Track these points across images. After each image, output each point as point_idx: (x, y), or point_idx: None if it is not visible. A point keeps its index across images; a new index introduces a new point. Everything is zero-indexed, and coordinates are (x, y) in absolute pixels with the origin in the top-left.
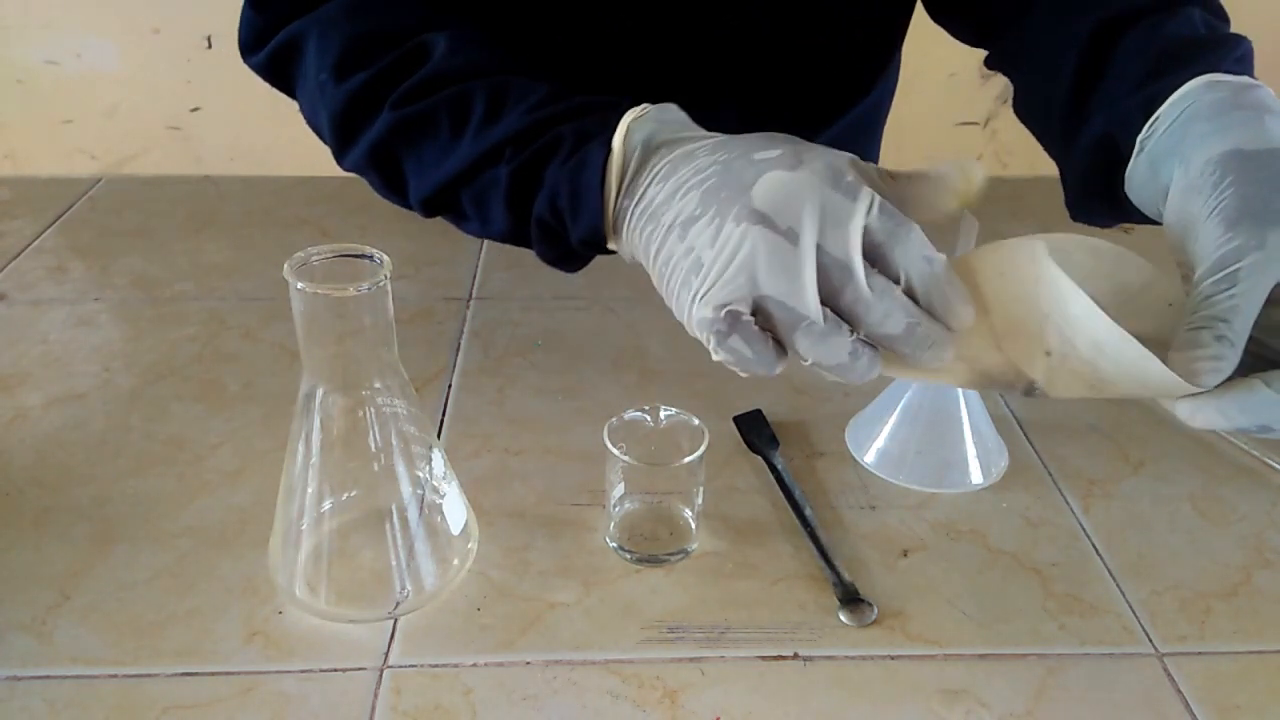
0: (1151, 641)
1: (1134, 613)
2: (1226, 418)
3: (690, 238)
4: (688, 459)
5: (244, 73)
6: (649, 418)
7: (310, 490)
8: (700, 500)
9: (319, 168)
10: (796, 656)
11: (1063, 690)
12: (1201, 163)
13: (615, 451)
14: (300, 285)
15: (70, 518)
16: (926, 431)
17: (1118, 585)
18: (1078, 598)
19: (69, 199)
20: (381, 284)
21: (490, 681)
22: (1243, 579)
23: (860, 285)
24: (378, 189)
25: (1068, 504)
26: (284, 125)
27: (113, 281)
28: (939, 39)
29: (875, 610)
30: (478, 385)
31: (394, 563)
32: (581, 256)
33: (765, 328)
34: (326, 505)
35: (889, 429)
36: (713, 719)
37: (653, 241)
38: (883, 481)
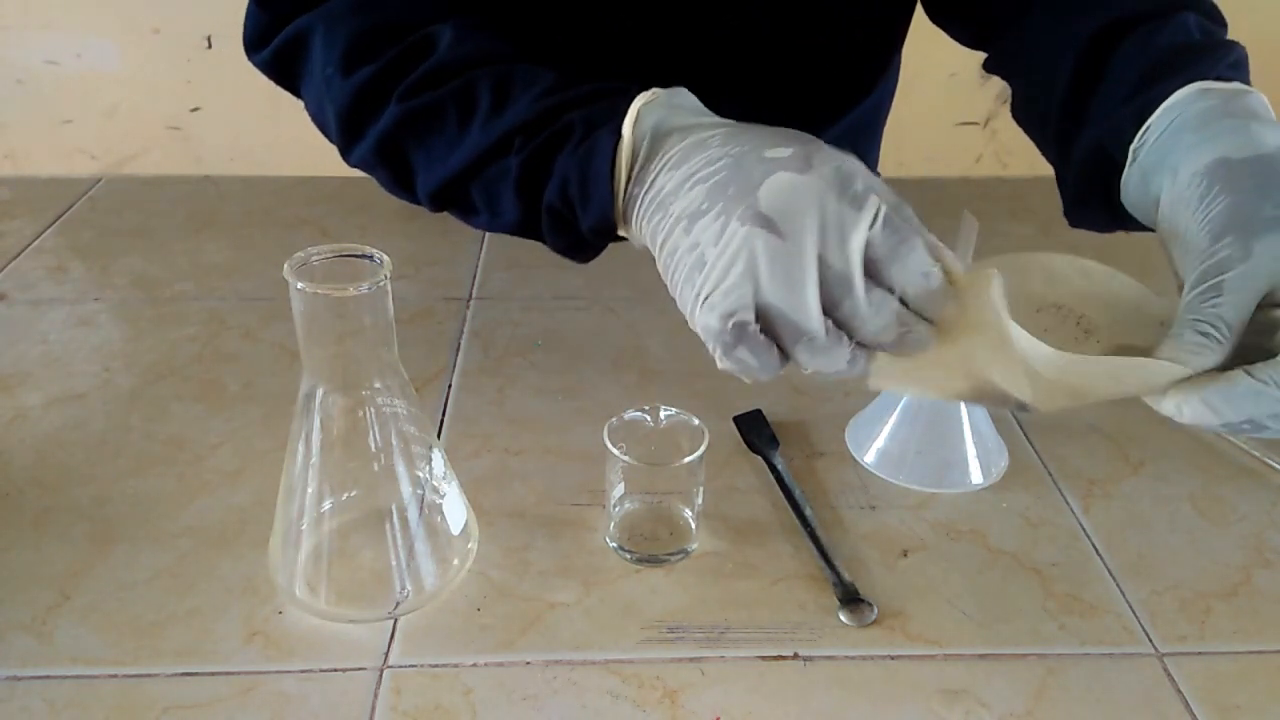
0: (1151, 641)
1: (1134, 613)
2: (1212, 410)
3: (696, 232)
4: (688, 459)
5: (244, 73)
6: (649, 418)
7: (310, 490)
8: (700, 500)
9: (319, 168)
10: (796, 656)
11: (1063, 690)
12: (1189, 174)
13: (615, 451)
14: (300, 285)
15: (70, 518)
16: (926, 431)
17: (1118, 585)
18: (1078, 598)
19: (69, 199)
20: (381, 284)
21: (490, 681)
22: (1243, 579)
23: (859, 300)
24: (385, 184)
25: (1068, 504)
26: (284, 125)
27: (113, 281)
28: (939, 39)
29: (875, 610)
30: (478, 385)
31: (394, 563)
32: (593, 245)
33: (768, 334)
34: (326, 505)
35: (889, 429)
36: (713, 719)
37: (660, 231)
38: (883, 481)
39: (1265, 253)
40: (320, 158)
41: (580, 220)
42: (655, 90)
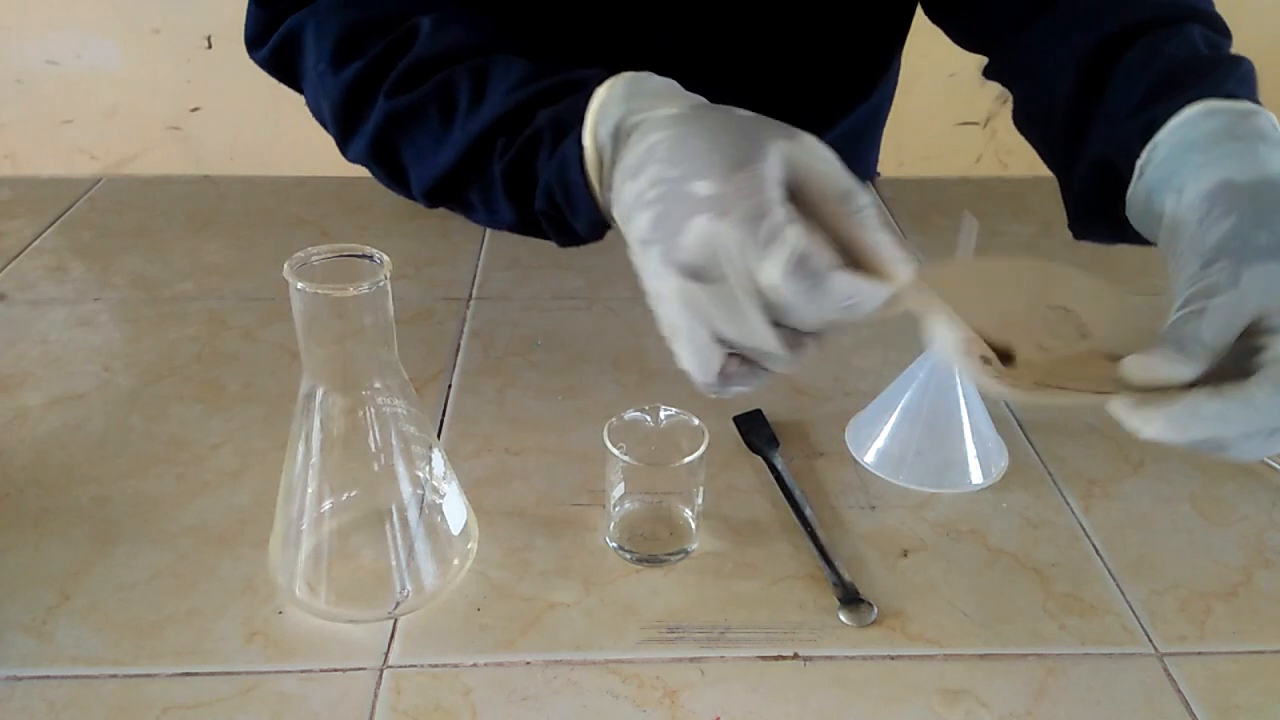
0: (1151, 641)
1: (1134, 613)
2: (1177, 427)
3: (649, 261)
4: (688, 459)
5: (244, 73)
6: (649, 418)
7: (310, 490)
8: (700, 500)
9: (319, 168)
10: (796, 656)
11: (1063, 690)
12: (1193, 194)
13: (615, 451)
14: (300, 285)
15: (70, 518)
16: (926, 431)
17: (1118, 585)
18: (1078, 598)
19: (69, 199)
20: (381, 284)
21: (490, 681)
22: (1243, 579)
23: (798, 315)
24: (382, 181)
25: (1068, 504)
26: (284, 125)
27: (113, 281)
28: (939, 39)
29: (875, 610)
30: (478, 385)
31: (394, 563)
32: (595, 237)
33: (743, 359)
34: (326, 505)
35: (889, 429)
36: (713, 719)
37: (630, 243)
38: (883, 481)
39: (1254, 281)
40: (320, 158)
41: (573, 224)
42: (613, 81)
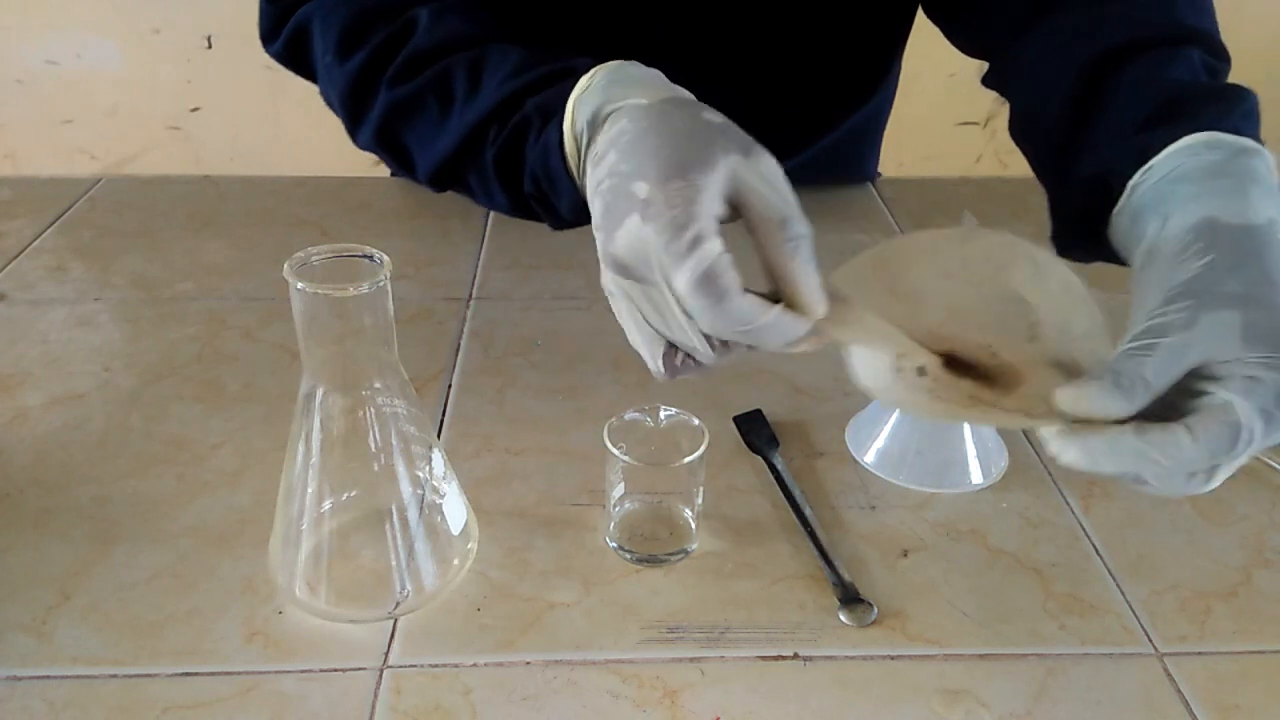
0: (1151, 641)
1: (1134, 613)
2: (1090, 458)
3: (598, 246)
4: (688, 459)
5: (244, 73)
6: (649, 418)
7: (310, 490)
8: (700, 500)
9: (319, 168)
10: (796, 656)
11: (1063, 690)
12: (1177, 226)
13: (615, 451)
14: (300, 285)
15: (70, 518)
16: (926, 431)
17: (1118, 585)
18: (1078, 598)
19: (69, 199)
20: (381, 284)
21: (490, 681)
22: (1243, 579)
23: (707, 326)
24: (391, 166)
25: (1068, 504)
26: (284, 125)
27: (113, 281)
28: (939, 39)
29: (875, 610)
30: (478, 385)
31: (394, 563)
32: (582, 220)
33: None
34: (326, 505)
35: (889, 429)
36: (712, 719)
37: None
38: (883, 481)
39: (1208, 327)
40: (320, 158)
41: (558, 207)
42: (596, 70)
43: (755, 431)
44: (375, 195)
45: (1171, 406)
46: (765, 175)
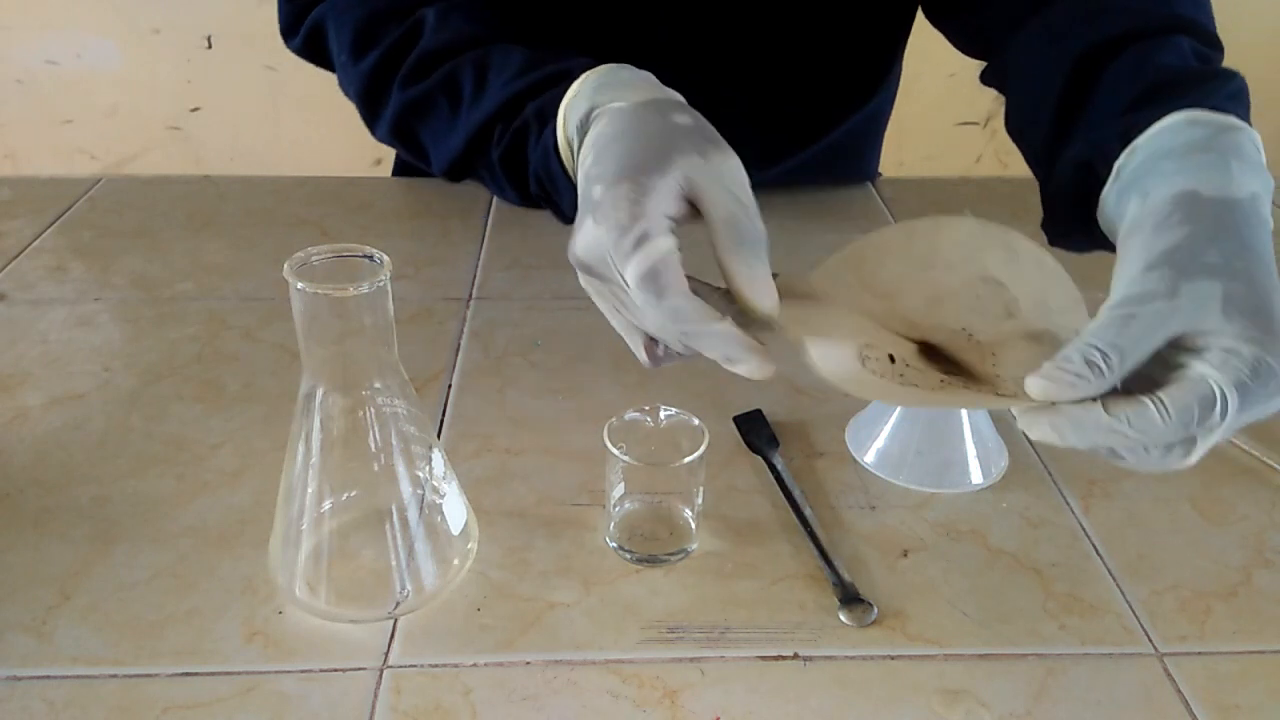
0: (1151, 641)
1: (1134, 613)
2: (1059, 434)
3: None
4: (688, 459)
5: (244, 73)
6: (649, 418)
7: (310, 490)
8: (700, 500)
9: (319, 168)
10: (796, 656)
11: (1063, 690)
12: (1156, 199)
13: (615, 451)
14: (300, 285)
15: (70, 518)
16: (926, 431)
17: (1118, 585)
18: (1078, 598)
19: (69, 199)
20: (381, 284)
21: (490, 681)
22: (1243, 579)
23: (653, 323)
24: (409, 159)
25: (1068, 504)
26: (284, 125)
27: (113, 281)
28: (939, 39)
29: (875, 610)
30: (478, 385)
31: (394, 563)
32: None
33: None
34: (326, 505)
35: (889, 429)
36: (712, 719)
37: None
38: (883, 481)
39: (1190, 296)
40: (320, 158)
41: (562, 206)
42: (587, 75)
43: (755, 431)
44: (375, 195)
45: (1149, 378)
46: (722, 176)
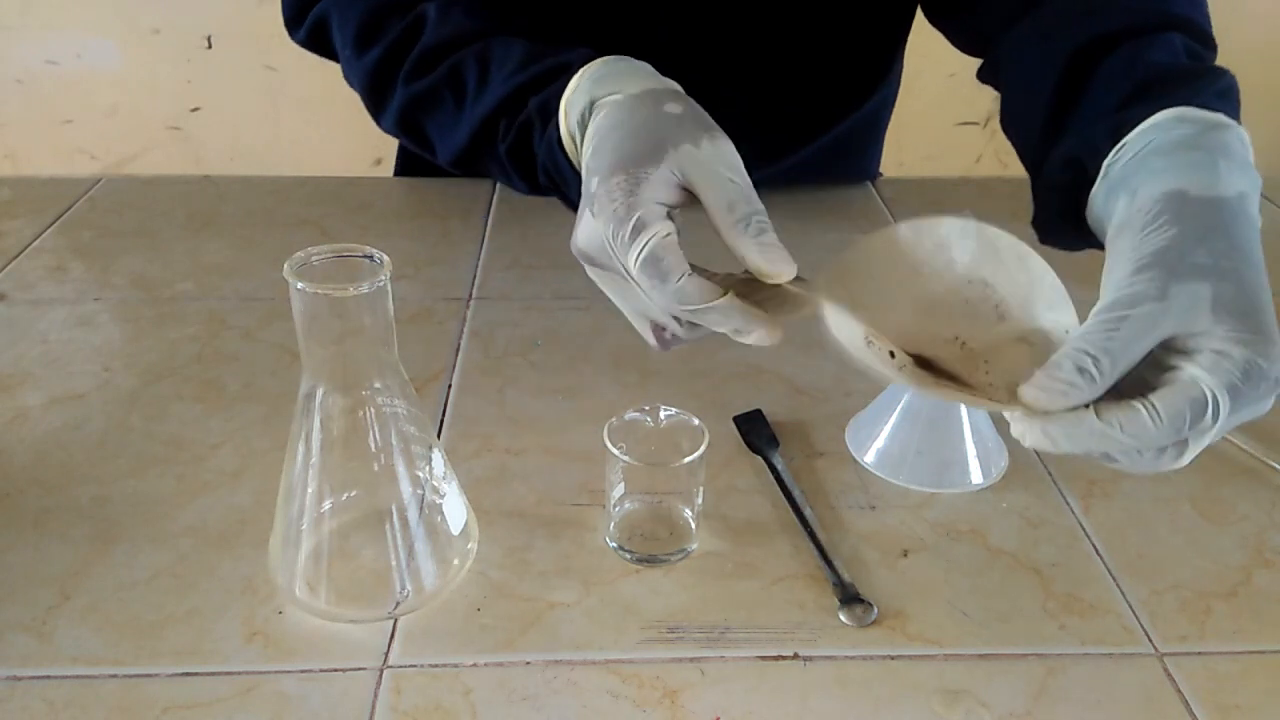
0: (1151, 641)
1: (1134, 613)
2: (1051, 441)
3: None
4: (688, 459)
5: (244, 73)
6: (649, 418)
7: (310, 490)
8: (700, 500)
9: (319, 168)
10: (796, 656)
11: (1063, 690)
12: (1144, 198)
13: (615, 451)
14: (300, 285)
15: (70, 518)
16: (926, 431)
17: (1118, 585)
18: (1078, 598)
19: (69, 199)
20: (381, 284)
21: (490, 681)
22: (1243, 579)
23: (660, 306)
24: (415, 150)
25: (1068, 504)
26: (284, 125)
27: (113, 281)
28: (939, 39)
29: (875, 610)
30: (478, 385)
31: (394, 563)
32: None
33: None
34: (326, 505)
35: (889, 429)
36: (712, 719)
37: None
38: (883, 481)
39: (1179, 298)
40: (320, 158)
41: (569, 195)
42: (584, 69)
43: (755, 431)
44: (375, 195)
45: (1140, 379)
46: (716, 160)
